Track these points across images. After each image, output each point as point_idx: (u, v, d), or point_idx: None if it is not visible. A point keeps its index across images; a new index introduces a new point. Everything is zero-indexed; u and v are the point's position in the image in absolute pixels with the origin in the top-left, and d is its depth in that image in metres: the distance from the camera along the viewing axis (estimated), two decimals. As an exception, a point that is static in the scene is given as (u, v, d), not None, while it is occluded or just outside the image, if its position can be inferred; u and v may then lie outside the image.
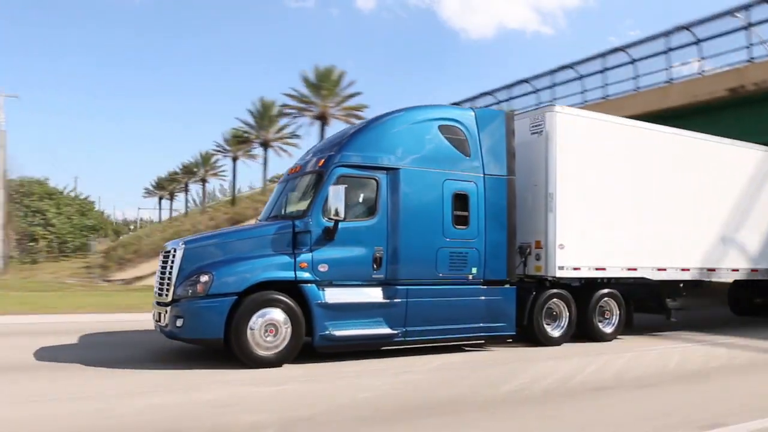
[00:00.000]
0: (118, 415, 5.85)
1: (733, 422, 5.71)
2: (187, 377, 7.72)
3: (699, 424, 5.69)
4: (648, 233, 11.86)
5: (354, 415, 6.07)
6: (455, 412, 6.21)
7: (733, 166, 13.50)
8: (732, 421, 5.77)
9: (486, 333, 10.07)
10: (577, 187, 10.98)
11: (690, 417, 6.01)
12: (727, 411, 6.27)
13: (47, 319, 13.93)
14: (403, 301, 9.19)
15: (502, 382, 7.65)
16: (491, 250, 10.04)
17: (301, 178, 9.68)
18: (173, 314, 8.28)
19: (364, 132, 9.57)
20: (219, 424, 5.67)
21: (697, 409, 6.43)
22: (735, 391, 7.59)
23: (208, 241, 8.99)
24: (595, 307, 11.44)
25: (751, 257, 13.75)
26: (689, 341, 11.87)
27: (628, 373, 8.50)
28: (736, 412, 6.23)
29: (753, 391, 7.54)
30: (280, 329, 8.33)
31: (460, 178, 9.84)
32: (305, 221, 8.73)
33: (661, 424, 5.75)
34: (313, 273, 8.64)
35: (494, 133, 10.29)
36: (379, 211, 9.20)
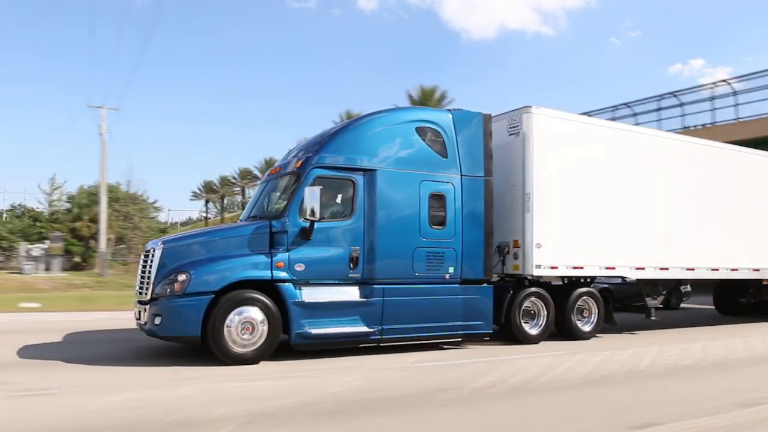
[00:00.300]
0: (90, 410, 6.04)
1: (669, 421, 5.80)
2: (164, 373, 7.91)
3: (636, 423, 5.77)
4: (626, 233, 12.03)
5: (319, 409, 6.25)
6: (416, 409, 6.38)
7: (714, 166, 13.66)
8: (669, 419, 5.86)
9: (463, 331, 10.24)
10: (554, 187, 11.16)
11: (629, 416, 6.06)
12: (667, 411, 6.32)
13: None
14: (380, 300, 9.37)
15: (471, 379, 7.81)
16: (468, 250, 10.21)
17: (281, 179, 9.86)
18: (152, 312, 8.47)
19: (342, 134, 9.75)
20: (188, 416, 5.85)
21: (643, 408, 6.48)
22: (690, 389, 7.71)
23: (187, 241, 9.17)
24: (573, 306, 11.62)
25: (732, 257, 13.90)
26: (666, 340, 12.03)
27: (597, 371, 8.66)
28: (678, 411, 6.28)
29: (705, 390, 7.62)
30: (257, 327, 8.51)
31: (437, 179, 10.01)
32: (282, 221, 8.92)
33: (600, 423, 5.83)
34: (290, 272, 8.82)
35: (472, 134, 10.47)
36: (355, 211, 9.38)
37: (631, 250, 12.16)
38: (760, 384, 8.17)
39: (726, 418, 5.99)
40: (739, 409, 6.39)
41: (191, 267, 8.45)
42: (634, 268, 12.29)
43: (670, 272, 12.82)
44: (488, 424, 5.89)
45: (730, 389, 7.67)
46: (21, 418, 5.73)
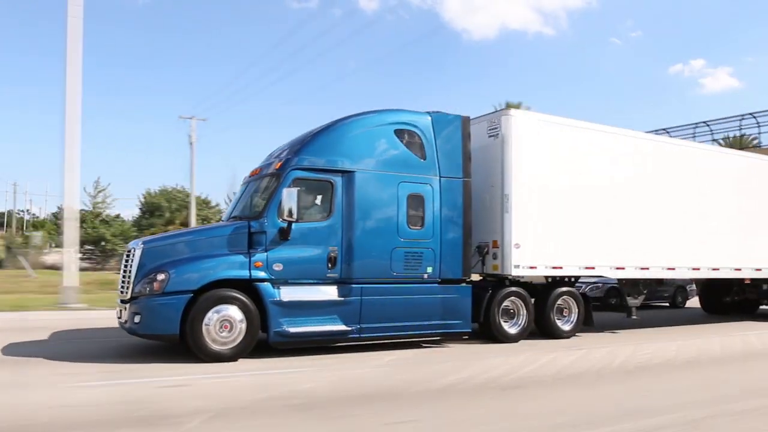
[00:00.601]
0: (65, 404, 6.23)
1: (615, 423, 5.85)
2: (143, 370, 8.07)
3: (575, 422, 5.92)
4: (606, 233, 12.18)
5: (288, 403, 6.45)
6: (383, 403, 6.60)
7: (693, 166, 13.80)
8: (617, 421, 5.93)
9: (442, 330, 10.41)
10: (532, 188, 11.33)
11: (574, 416, 6.13)
12: (611, 410, 6.44)
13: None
14: (358, 299, 9.54)
15: (442, 376, 7.98)
16: (447, 250, 10.38)
17: (261, 180, 10.03)
18: (132, 311, 8.66)
19: (321, 136, 9.92)
20: (160, 410, 6.05)
21: (592, 407, 6.63)
22: (645, 388, 7.75)
23: (167, 241, 9.35)
24: (553, 306, 11.78)
25: (713, 257, 14.04)
26: (646, 339, 12.17)
27: (569, 369, 8.80)
28: (631, 411, 6.35)
29: (662, 390, 7.64)
30: (235, 325, 8.69)
31: (416, 181, 10.19)
32: (261, 222, 9.10)
33: (536, 423, 5.88)
34: (268, 272, 9.00)
35: (450, 137, 10.64)
36: (334, 212, 9.56)
37: (611, 250, 12.32)
38: (719, 382, 8.26)
39: (668, 419, 6.02)
40: (683, 410, 6.43)
41: (170, 266, 8.63)
42: (614, 268, 12.47)
43: (650, 272, 12.99)
44: (448, 418, 6.05)
45: (689, 388, 7.80)
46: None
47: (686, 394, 7.25)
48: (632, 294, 13.12)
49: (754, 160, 15.73)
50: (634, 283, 13.07)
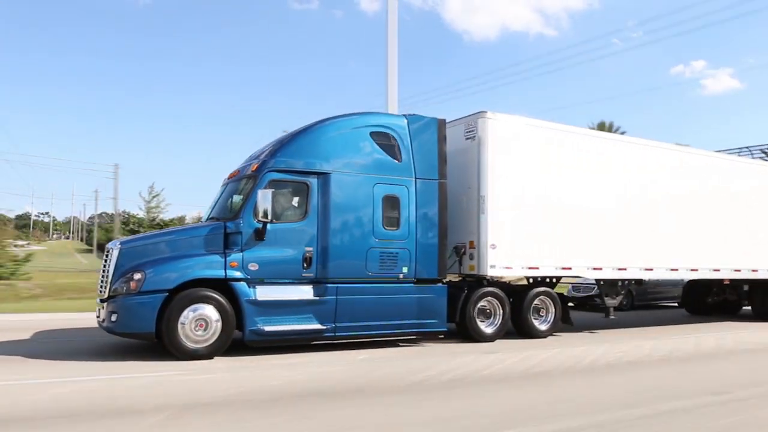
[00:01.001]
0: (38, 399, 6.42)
1: (544, 423, 5.89)
2: (119, 367, 8.24)
3: (527, 419, 6.10)
4: (582, 233, 12.36)
5: (254, 398, 6.66)
6: (346, 399, 6.79)
7: (670, 168, 13.97)
8: (547, 421, 5.98)
9: (417, 329, 10.59)
10: (508, 189, 11.51)
11: (529, 413, 6.27)
12: (564, 409, 6.52)
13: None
14: (333, 299, 9.72)
15: (411, 373, 8.17)
16: (422, 251, 10.56)
17: (238, 182, 10.22)
18: (109, 310, 8.85)
19: (298, 138, 10.11)
20: (128, 405, 6.25)
21: (549, 404, 6.74)
22: (604, 387, 7.96)
23: (144, 242, 9.54)
24: (530, 306, 11.96)
25: (692, 257, 14.21)
26: (623, 338, 12.35)
27: (538, 367, 8.96)
28: (572, 410, 6.43)
29: (607, 390, 7.73)
30: (211, 324, 8.87)
31: (391, 182, 10.37)
32: (236, 222, 9.29)
33: (487, 421, 5.97)
34: (244, 271, 9.19)
35: (426, 139, 10.82)
36: (309, 213, 9.75)
37: (588, 251, 12.50)
38: (680, 381, 8.39)
39: (612, 416, 6.13)
40: (634, 407, 6.56)
41: (147, 266, 8.82)
42: (592, 269, 12.64)
43: (628, 272, 13.16)
44: (406, 414, 6.24)
45: (650, 386, 7.96)
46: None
47: (633, 394, 7.31)
48: (610, 294, 13.28)
49: (732, 163, 15.91)
50: (612, 283, 13.24)
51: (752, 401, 7.08)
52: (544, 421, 5.89)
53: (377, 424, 5.78)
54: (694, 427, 5.88)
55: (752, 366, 9.91)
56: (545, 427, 5.69)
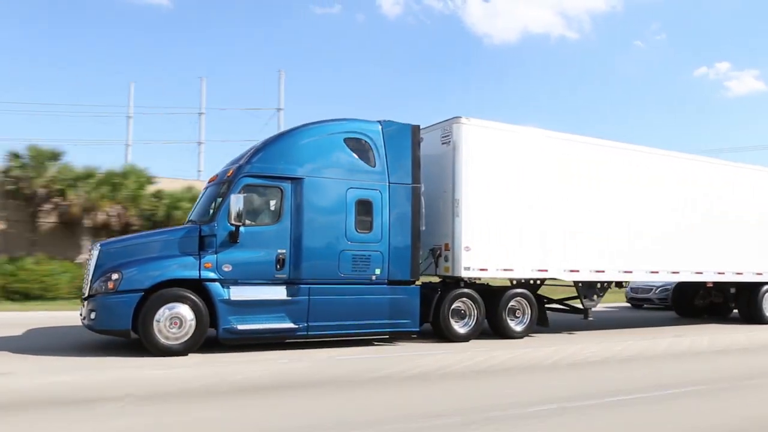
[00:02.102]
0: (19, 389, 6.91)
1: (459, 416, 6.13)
2: (96, 362, 8.71)
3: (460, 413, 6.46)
4: (558, 236, 12.62)
5: (211, 390, 7.12)
6: (299, 393, 7.20)
7: (645, 169, 14.16)
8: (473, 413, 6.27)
9: (390, 329, 10.94)
10: (482, 193, 11.82)
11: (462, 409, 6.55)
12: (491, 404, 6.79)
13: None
14: (306, 299, 10.11)
15: (371, 371, 8.54)
16: (395, 253, 10.91)
17: (216, 186, 10.65)
18: (89, 308, 9.33)
19: (272, 144, 10.52)
20: (97, 395, 6.74)
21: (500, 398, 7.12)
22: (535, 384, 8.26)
23: (122, 243, 10.00)
24: (505, 307, 12.24)
25: (672, 260, 14.38)
26: (597, 340, 12.58)
27: (500, 365, 9.32)
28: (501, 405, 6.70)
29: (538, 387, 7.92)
30: (185, 322, 9.30)
31: (364, 187, 10.74)
32: (211, 225, 9.73)
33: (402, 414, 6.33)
34: (218, 272, 9.61)
35: (400, 144, 11.17)
36: (283, 216, 10.14)
37: (565, 254, 12.73)
38: (634, 378, 8.63)
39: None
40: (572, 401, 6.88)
41: (124, 267, 9.27)
42: (569, 271, 12.87)
43: (606, 275, 13.38)
44: (351, 407, 6.62)
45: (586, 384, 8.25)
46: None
47: (563, 390, 7.59)
48: (588, 296, 13.50)
49: (717, 166, 15.96)
50: (590, 285, 13.47)
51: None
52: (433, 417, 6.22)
53: (320, 415, 6.15)
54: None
55: (696, 366, 10.12)
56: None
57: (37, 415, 5.91)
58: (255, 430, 5.60)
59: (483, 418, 6.03)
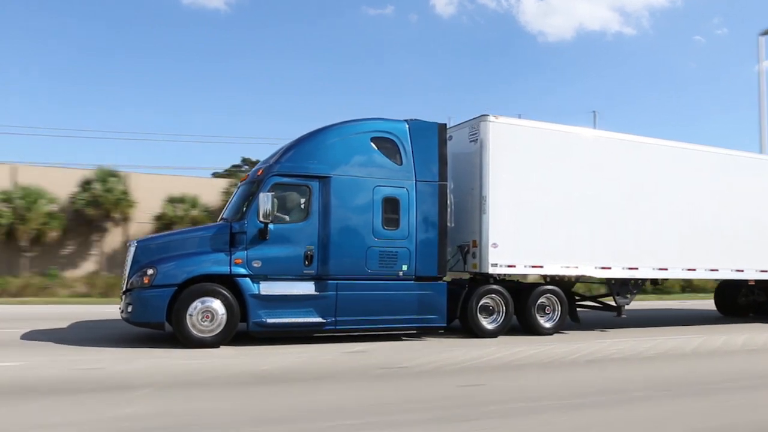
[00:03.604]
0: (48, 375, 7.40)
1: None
2: (129, 352, 9.18)
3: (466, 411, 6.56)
4: (588, 233, 12.56)
5: (236, 380, 7.50)
6: (317, 383, 7.48)
7: (681, 164, 13.93)
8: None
9: (417, 324, 11.15)
10: (510, 190, 11.87)
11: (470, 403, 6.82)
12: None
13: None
14: (333, 294, 10.39)
15: (385, 364, 8.78)
16: (422, 249, 11.09)
17: (248, 186, 11.02)
18: (126, 302, 9.84)
19: (301, 144, 10.83)
20: (123, 381, 7.16)
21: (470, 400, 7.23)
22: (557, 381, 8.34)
23: (158, 240, 10.51)
24: (534, 303, 12.27)
25: (712, 257, 14.12)
26: (627, 337, 12.46)
27: (518, 362, 9.39)
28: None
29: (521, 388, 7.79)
30: (217, 316, 9.70)
31: (391, 184, 10.95)
32: (241, 223, 10.10)
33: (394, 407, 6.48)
34: (248, 268, 9.98)
35: (427, 142, 11.34)
36: (311, 214, 10.45)
37: (596, 250, 12.67)
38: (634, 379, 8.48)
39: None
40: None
41: (159, 262, 9.74)
42: (600, 268, 12.81)
43: (639, 272, 13.24)
44: (356, 396, 6.86)
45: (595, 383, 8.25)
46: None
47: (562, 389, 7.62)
48: (621, 293, 13.39)
49: (741, 158, 15.39)
50: (623, 282, 13.35)
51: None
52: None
53: (329, 401, 6.40)
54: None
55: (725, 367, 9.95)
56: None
57: (69, 400, 6.32)
58: (273, 416, 5.85)
59: (480, 412, 6.15)
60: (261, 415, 5.87)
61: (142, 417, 5.64)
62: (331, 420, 5.66)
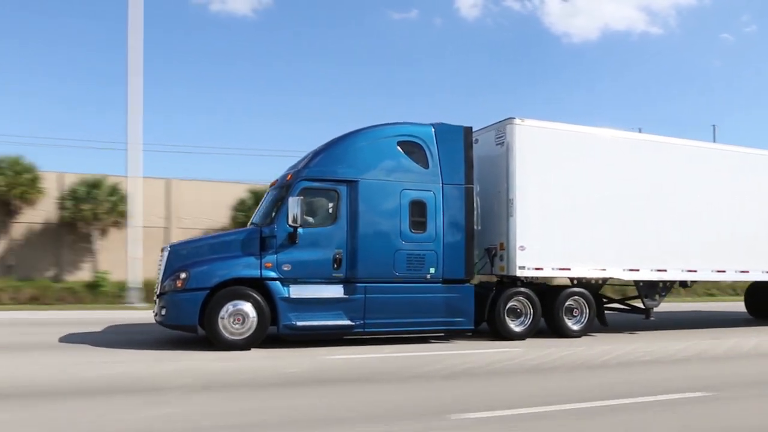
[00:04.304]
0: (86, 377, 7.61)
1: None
2: (161, 354, 9.41)
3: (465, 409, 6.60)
4: (616, 235, 12.52)
5: (264, 381, 7.64)
6: (337, 386, 7.58)
7: (709, 165, 13.82)
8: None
9: (445, 327, 11.24)
10: (536, 192, 11.88)
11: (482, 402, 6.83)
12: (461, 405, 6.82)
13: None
14: (362, 297, 10.51)
15: (407, 367, 8.81)
16: (449, 252, 11.16)
17: (277, 190, 11.20)
18: (160, 305, 10.05)
19: (329, 149, 10.97)
20: (158, 382, 7.37)
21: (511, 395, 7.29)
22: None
23: (191, 245, 10.71)
24: (562, 306, 12.26)
25: (740, 258, 13.98)
26: (657, 340, 12.39)
27: (526, 364, 9.36)
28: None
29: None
30: (248, 319, 9.86)
31: (418, 188, 11.04)
32: (271, 227, 10.27)
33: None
34: (278, 271, 10.14)
35: (453, 146, 11.41)
36: (339, 218, 10.58)
37: (623, 252, 12.62)
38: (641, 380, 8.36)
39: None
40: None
41: (191, 266, 9.94)
42: (628, 270, 12.75)
43: (668, 274, 13.15)
44: (378, 400, 6.94)
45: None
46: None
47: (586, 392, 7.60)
48: (650, 296, 13.32)
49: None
50: (652, 284, 13.28)
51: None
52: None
53: (349, 407, 6.47)
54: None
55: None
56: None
57: (103, 401, 6.45)
58: (298, 417, 5.94)
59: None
60: (298, 416, 5.97)
61: (177, 417, 5.79)
62: (366, 423, 5.76)
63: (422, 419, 5.90)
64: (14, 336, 11.63)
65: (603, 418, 6.14)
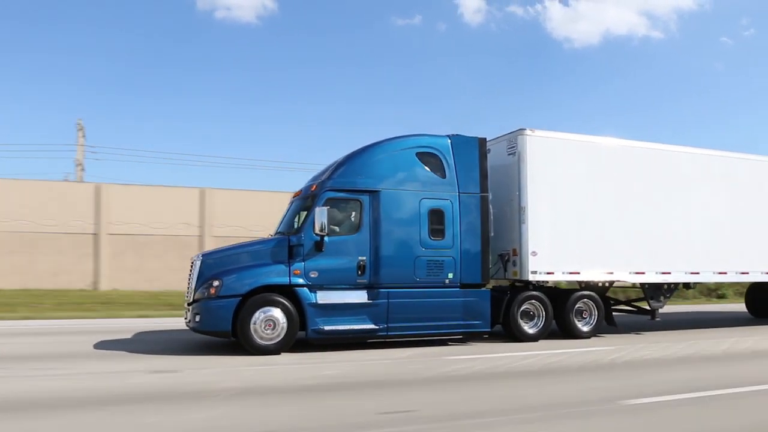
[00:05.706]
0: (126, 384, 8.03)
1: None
2: (199, 360, 9.83)
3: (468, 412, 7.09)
4: (622, 240, 13.08)
5: (301, 385, 7.98)
6: (368, 389, 7.98)
7: (713, 170, 14.44)
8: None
9: (463, 330, 11.73)
10: (547, 200, 12.44)
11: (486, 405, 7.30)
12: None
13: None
14: (385, 302, 10.99)
15: (428, 369, 9.24)
16: (466, 258, 11.68)
17: (301, 201, 11.68)
18: (194, 312, 10.49)
19: (351, 161, 11.46)
20: (198, 388, 7.70)
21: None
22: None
23: (221, 254, 11.15)
24: (572, 308, 12.80)
25: (742, 260, 14.57)
26: (660, 340, 12.91)
27: (532, 366, 9.64)
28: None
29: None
30: (278, 324, 10.33)
31: (436, 197, 11.56)
32: (298, 236, 10.75)
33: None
34: (306, 278, 10.61)
35: (468, 156, 11.94)
36: (362, 226, 11.08)
37: (629, 256, 13.18)
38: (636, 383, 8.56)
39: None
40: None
41: (224, 274, 10.40)
42: (634, 273, 13.31)
43: (672, 276, 13.72)
44: (401, 399, 7.38)
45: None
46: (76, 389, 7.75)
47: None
48: (655, 297, 13.88)
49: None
50: (657, 287, 13.84)
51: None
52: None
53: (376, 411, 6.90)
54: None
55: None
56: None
57: (142, 407, 6.73)
58: (343, 421, 6.22)
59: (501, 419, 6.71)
60: (331, 420, 6.24)
61: (216, 420, 6.07)
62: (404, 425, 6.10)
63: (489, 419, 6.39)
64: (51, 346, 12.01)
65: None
